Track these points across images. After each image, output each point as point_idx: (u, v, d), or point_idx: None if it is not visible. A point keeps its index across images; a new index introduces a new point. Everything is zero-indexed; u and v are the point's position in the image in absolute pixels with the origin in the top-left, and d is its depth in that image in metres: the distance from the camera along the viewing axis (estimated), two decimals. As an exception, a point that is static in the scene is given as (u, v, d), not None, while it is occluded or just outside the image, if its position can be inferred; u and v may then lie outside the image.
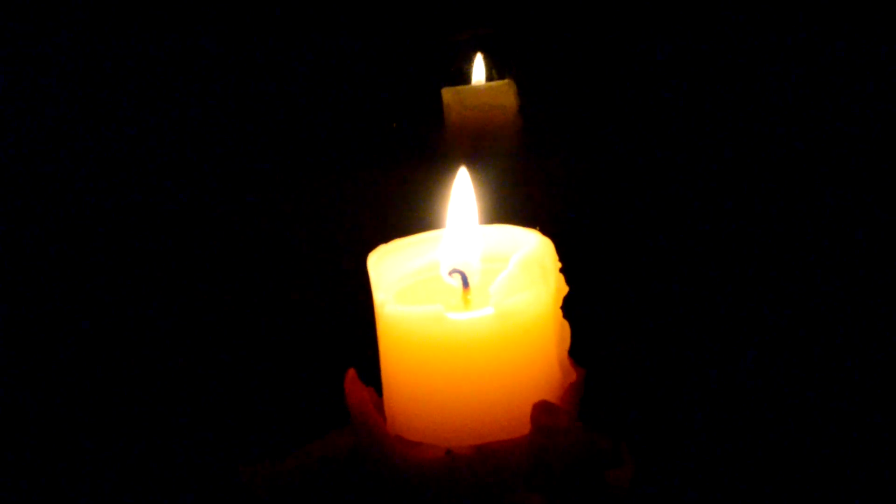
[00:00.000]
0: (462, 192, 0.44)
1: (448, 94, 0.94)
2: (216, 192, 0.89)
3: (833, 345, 0.58)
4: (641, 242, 0.74)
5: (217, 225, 0.84)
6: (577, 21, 1.01)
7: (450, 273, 0.42)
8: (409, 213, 0.58)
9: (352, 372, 0.41)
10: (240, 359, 0.63)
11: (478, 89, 0.96)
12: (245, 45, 1.02)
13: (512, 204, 0.62)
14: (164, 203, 0.88)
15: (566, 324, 0.41)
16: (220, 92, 1.02)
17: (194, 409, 0.57)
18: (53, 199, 0.89)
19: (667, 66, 0.95)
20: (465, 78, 0.99)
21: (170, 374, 0.61)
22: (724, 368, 0.56)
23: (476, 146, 0.91)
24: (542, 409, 0.38)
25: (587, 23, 1.01)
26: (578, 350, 0.42)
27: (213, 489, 0.48)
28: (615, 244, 0.74)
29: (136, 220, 0.86)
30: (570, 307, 0.41)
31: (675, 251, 0.72)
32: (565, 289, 0.41)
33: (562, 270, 0.41)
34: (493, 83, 0.96)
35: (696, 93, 0.92)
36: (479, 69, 0.99)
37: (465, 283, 0.42)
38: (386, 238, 0.43)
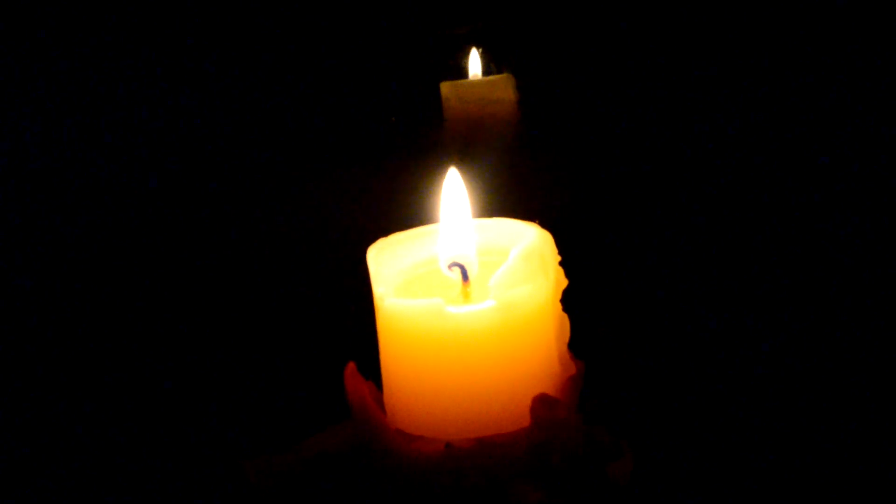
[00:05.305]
0: (452, 191, 0.44)
1: (447, 88, 0.94)
2: (215, 187, 0.89)
3: (830, 337, 0.58)
4: (640, 235, 0.74)
5: (216, 220, 0.84)
6: (576, 14, 1.01)
7: (449, 266, 0.42)
8: (408, 207, 0.58)
9: (352, 366, 0.41)
10: (240, 354, 0.63)
11: (476, 83, 0.96)
12: (242, 42, 1.02)
13: (511, 197, 0.62)
14: (163, 200, 0.88)
15: (566, 317, 0.41)
16: (218, 89, 1.01)
17: (195, 405, 0.57)
18: (49, 197, 0.89)
19: (665, 60, 0.95)
20: (463, 72, 0.99)
21: (170, 370, 0.61)
22: (724, 361, 0.56)
23: (475, 140, 0.91)
24: (541, 403, 0.38)
25: (585, 16, 1.01)
26: (578, 343, 0.42)
27: (215, 483, 0.48)
28: (614, 237, 0.74)
29: (135, 218, 0.85)
30: (569, 300, 0.41)
31: (673, 244, 0.72)
32: (565, 282, 0.41)
33: (561, 263, 0.41)
34: (492, 77, 0.96)
35: (694, 86, 0.92)
36: (475, 63, 0.99)
37: (465, 277, 0.42)
38: (385, 232, 0.43)
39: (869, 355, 0.55)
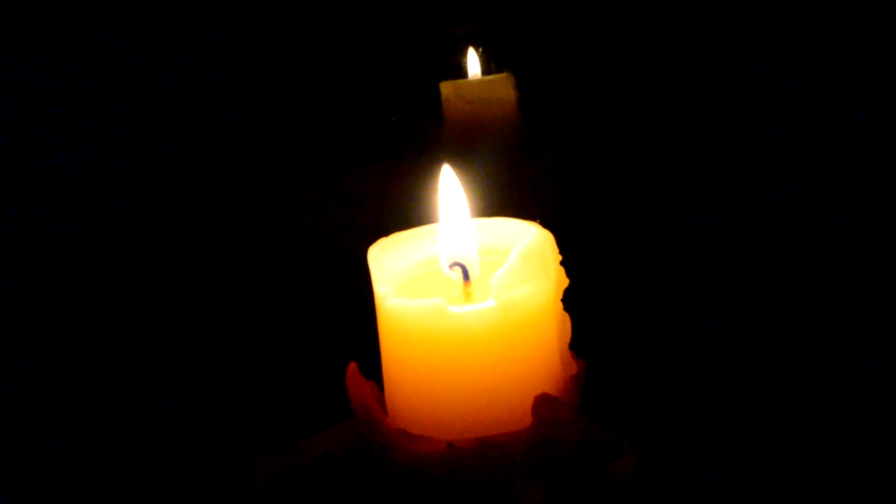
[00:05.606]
0: (449, 188, 0.44)
1: (447, 87, 0.94)
2: (215, 189, 0.89)
3: (830, 337, 0.58)
4: (641, 235, 0.74)
5: (216, 221, 0.84)
6: (576, 14, 1.01)
7: (450, 266, 0.42)
8: (409, 207, 0.58)
9: (353, 366, 0.41)
10: (242, 354, 0.63)
11: (476, 83, 0.96)
12: (240, 42, 1.02)
13: (511, 196, 0.62)
14: (164, 201, 0.88)
15: (567, 316, 0.41)
16: (217, 89, 1.01)
17: (198, 405, 0.57)
18: (49, 198, 0.89)
19: (665, 59, 0.95)
20: (463, 72, 0.99)
21: (172, 371, 0.61)
22: (724, 361, 0.56)
23: (475, 140, 0.91)
24: (542, 402, 0.38)
25: (586, 15, 1.01)
26: (579, 343, 0.42)
27: (218, 483, 0.48)
28: (615, 236, 0.74)
29: (136, 219, 0.85)
30: (570, 300, 0.41)
31: (674, 243, 0.72)
32: (566, 281, 0.41)
33: (562, 263, 0.41)
34: (492, 77, 0.96)
35: (694, 86, 0.92)
36: (474, 63, 0.99)
37: (466, 276, 0.42)
38: (386, 232, 0.43)
39: (869, 355, 0.55)
